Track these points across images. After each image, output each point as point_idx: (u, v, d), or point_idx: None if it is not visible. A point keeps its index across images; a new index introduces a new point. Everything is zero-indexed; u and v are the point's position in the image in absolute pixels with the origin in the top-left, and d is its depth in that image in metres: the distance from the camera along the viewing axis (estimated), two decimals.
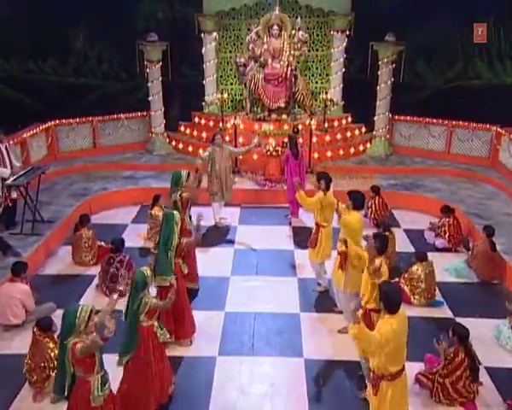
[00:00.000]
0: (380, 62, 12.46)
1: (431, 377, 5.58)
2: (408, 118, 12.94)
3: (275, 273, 8.09)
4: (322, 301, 7.33)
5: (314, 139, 11.85)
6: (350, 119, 13.39)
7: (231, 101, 13.78)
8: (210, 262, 8.05)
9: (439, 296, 7.46)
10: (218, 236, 9.36)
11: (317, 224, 7.22)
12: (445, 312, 7.14)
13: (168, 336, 5.30)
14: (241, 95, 13.85)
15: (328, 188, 7.02)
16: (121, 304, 5.24)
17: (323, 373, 5.85)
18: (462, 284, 7.86)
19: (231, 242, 9.19)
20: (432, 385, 5.54)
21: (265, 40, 12.40)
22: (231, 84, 13.95)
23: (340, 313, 6.70)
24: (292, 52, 12.28)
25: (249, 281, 7.91)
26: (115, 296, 4.62)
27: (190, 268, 6.93)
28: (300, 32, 12.15)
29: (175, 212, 6.04)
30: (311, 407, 5.43)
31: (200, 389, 5.56)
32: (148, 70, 12.60)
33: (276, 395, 5.58)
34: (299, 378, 5.82)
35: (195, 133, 12.92)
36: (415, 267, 7.39)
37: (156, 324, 5.13)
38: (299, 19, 12.22)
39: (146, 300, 4.87)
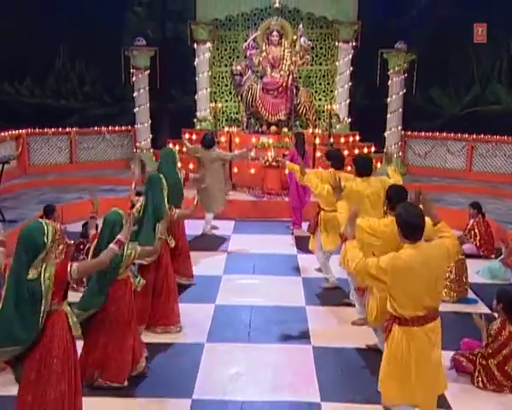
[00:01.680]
0: (390, 72, 12.55)
1: (472, 358, 4.97)
2: (422, 134, 12.88)
3: (275, 273, 7.68)
4: (333, 295, 6.92)
5: (318, 154, 11.62)
6: (358, 137, 13.27)
7: (226, 120, 13.71)
8: (196, 265, 7.55)
9: (472, 296, 6.95)
10: (206, 242, 8.99)
11: (319, 207, 6.90)
12: (480, 308, 6.58)
13: (143, 281, 4.87)
14: (236, 113, 13.84)
15: (338, 169, 6.70)
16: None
17: (335, 360, 5.36)
18: (498, 285, 7.31)
19: (224, 247, 8.84)
20: (473, 367, 4.94)
21: (264, 48, 12.53)
22: (226, 100, 13.98)
23: (353, 305, 6.23)
24: (293, 59, 12.33)
25: (245, 279, 7.51)
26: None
27: (184, 261, 6.88)
28: (302, 39, 12.26)
29: (160, 176, 5.81)
30: (321, 387, 4.80)
31: (186, 374, 5.04)
32: (134, 78, 12.62)
33: (279, 379, 5.02)
34: (306, 364, 5.26)
35: (185, 149, 12.65)
36: None
37: (130, 272, 4.77)
38: (301, 25, 12.40)
39: (129, 251, 4.51)
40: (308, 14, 13.21)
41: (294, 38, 12.46)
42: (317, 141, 11.49)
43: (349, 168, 7.17)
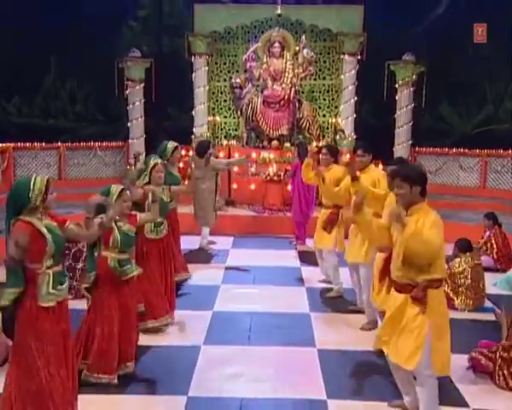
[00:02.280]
0: (398, 85, 12.73)
1: (491, 356, 4.92)
2: (432, 149, 12.94)
3: (277, 283, 7.69)
4: (339, 303, 6.94)
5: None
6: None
7: (225, 136, 13.84)
8: (194, 276, 7.54)
9: (489, 305, 6.92)
10: (203, 255, 9.04)
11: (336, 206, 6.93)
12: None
13: (138, 269, 4.89)
14: (236, 130, 13.97)
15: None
16: None
17: (341, 361, 5.31)
18: None
19: (221, 260, 8.88)
20: (493, 364, 4.89)
21: (265, 60, 12.76)
22: (225, 117, 14.12)
23: (361, 312, 6.21)
24: (296, 71, 12.53)
25: (244, 288, 7.50)
26: None
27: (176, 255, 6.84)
28: (305, 50, 12.47)
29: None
30: (327, 386, 4.74)
31: (181, 373, 4.99)
32: (128, 91, 12.77)
33: (282, 377, 4.97)
34: (311, 364, 5.22)
35: (181, 165, 12.71)
36: (457, 260, 6.89)
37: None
38: (303, 36, 12.66)
39: None
40: (311, 27, 13.47)
41: (297, 48, 12.70)
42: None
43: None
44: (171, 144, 7.10)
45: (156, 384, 4.76)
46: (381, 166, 11.54)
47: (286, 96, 12.51)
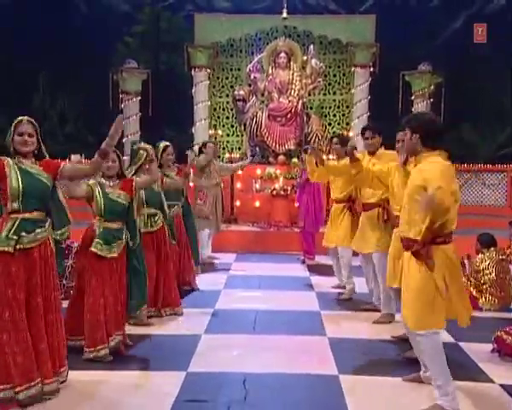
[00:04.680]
0: (413, 97, 13.06)
1: None
2: (454, 166, 13.10)
3: (284, 288, 7.80)
4: (351, 303, 7.06)
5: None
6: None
7: (229, 150, 14.11)
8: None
9: None
10: (203, 268, 9.05)
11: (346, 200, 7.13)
12: None
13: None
14: (239, 148, 14.27)
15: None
16: None
17: (353, 347, 5.41)
18: None
19: (223, 271, 8.97)
20: None
21: (270, 71, 13.16)
22: (228, 135, 14.46)
23: (377, 310, 6.31)
24: (304, 82, 12.88)
25: (249, 292, 7.62)
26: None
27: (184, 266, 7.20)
28: (314, 61, 12.85)
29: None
30: (338, 364, 4.85)
31: (180, 354, 5.12)
32: (123, 104, 13.15)
33: (291, 359, 5.07)
34: (321, 348, 5.33)
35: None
36: (479, 256, 7.02)
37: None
38: (311, 46, 13.07)
39: None
40: (320, 38, 14.01)
41: (304, 58, 13.13)
42: None
43: None
44: (161, 143, 7.20)
45: (151, 363, 4.86)
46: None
47: (293, 110, 12.83)
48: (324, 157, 7.13)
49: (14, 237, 3.82)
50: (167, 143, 7.29)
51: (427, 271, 3.89)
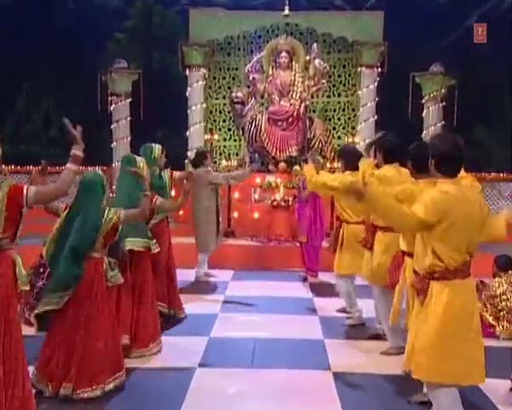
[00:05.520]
0: (425, 100, 13.00)
1: None
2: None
3: (284, 312, 7.72)
4: (357, 330, 6.96)
5: None
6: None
7: (226, 156, 14.05)
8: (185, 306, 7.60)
9: None
10: (199, 287, 9.10)
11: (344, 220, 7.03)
12: None
13: (121, 278, 5.06)
14: (237, 154, 14.21)
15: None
16: None
17: (360, 384, 5.33)
18: None
19: (220, 291, 8.93)
20: None
21: (271, 72, 13.11)
22: (224, 139, 14.40)
23: (384, 339, 6.22)
24: (306, 83, 12.83)
25: (246, 316, 7.56)
26: None
27: (171, 290, 7.01)
28: (317, 61, 12.79)
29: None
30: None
31: (170, 394, 5.02)
32: (112, 107, 13.09)
33: (291, 396, 5.01)
34: (325, 387, 5.27)
35: (173, 193, 12.89)
36: (496, 280, 6.93)
37: (106, 259, 4.93)
38: (315, 45, 13.01)
39: (110, 215, 4.72)
40: (324, 36, 13.96)
41: (307, 58, 13.07)
42: None
43: None
44: (157, 147, 7.21)
45: (142, 404, 4.77)
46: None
47: (295, 113, 12.79)
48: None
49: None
50: (161, 146, 7.32)
51: (446, 311, 3.82)
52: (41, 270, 7.05)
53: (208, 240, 9.24)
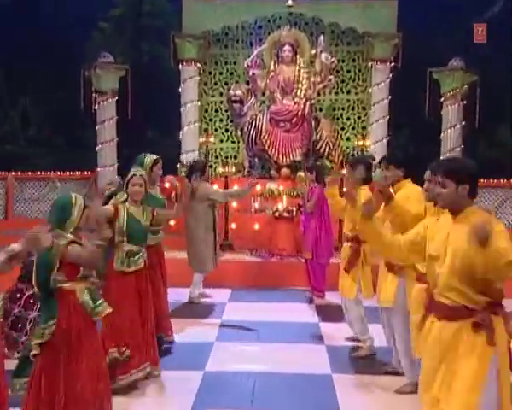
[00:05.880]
0: (443, 98, 12.94)
1: None
2: (490, 181, 12.99)
3: (287, 340, 7.64)
4: (369, 363, 6.84)
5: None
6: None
7: (223, 160, 13.99)
8: (177, 333, 7.53)
9: None
10: (193, 310, 9.04)
11: (355, 238, 6.94)
12: None
13: (107, 308, 4.82)
14: (235, 156, 14.15)
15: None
16: None
17: None
18: None
19: (216, 315, 8.88)
20: None
21: (272, 67, 13.05)
22: (221, 141, 14.33)
23: (399, 374, 6.17)
24: (312, 80, 12.80)
25: (245, 346, 7.47)
26: None
27: (158, 309, 6.84)
28: (324, 55, 12.76)
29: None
30: None
31: None
32: (97, 106, 13.04)
33: None
34: None
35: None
36: None
37: (85, 292, 4.69)
38: (321, 37, 12.95)
39: (60, 242, 4.45)
40: (331, 26, 13.93)
41: (313, 52, 13.00)
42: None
43: None
44: (149, 157, 7.13)
45: None
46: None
47: (299, 113, 12.76)
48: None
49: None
50: (157, 156, 7.26)
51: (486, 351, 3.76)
52: (17, 295, 7.04)
53: (205, 260, 9.11)
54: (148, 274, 6.24)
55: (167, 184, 8.47)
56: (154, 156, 7.24)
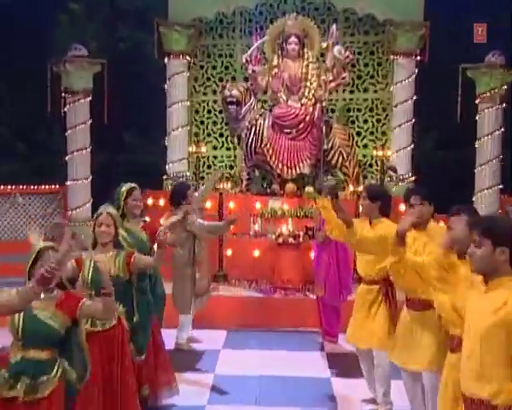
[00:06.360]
0: (479, 100, 12.90)
1: None
2: None
3: (294, 403, 7.58)
4: None
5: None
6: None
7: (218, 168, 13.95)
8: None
9: None
10: (181, 359, 8.82)
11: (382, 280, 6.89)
12: None
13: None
14: (231, 166, 14.12)
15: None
16: None
17: None
18: None
19: (209, 367, 8.80)
20: None
21: (276, 62, 12.97)
22: (215, 148, 14.27)
23: None
24: (322, 79, 12.70)
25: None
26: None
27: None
28: (337, 48, 12.62)
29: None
30: None
31: None
32: (66, 108, 13.02)
33: None
34: None
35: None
36: None
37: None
38: (334, 26, 12.84)
39: None
40: (346, 12, 13.85)
41: (324, 45, 12.89)
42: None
43: None
44: (123, 186, 7.18)
45: None
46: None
47: (307, 117, 12.72)
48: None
49: None
50: (133, 185, 7.26)
51: None
52: None
53: (186, 299, 9.17)
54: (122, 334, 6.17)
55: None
56: (129, 185, 7.23)
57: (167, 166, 13.69)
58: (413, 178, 13.49)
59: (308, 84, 12.89)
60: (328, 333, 9.60)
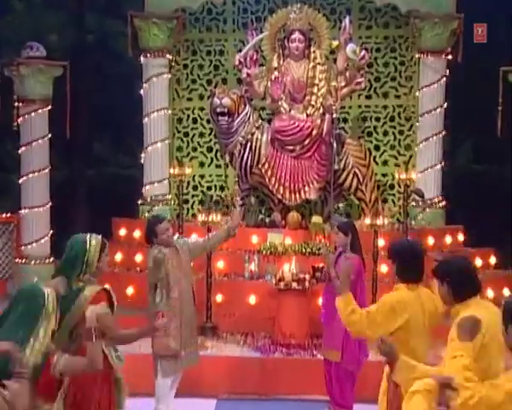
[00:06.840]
0: None
1: None
2: None
3: None
4: None
5: (385, 268, 11.53)
6: (462, 237, 13.36)
7: (200, 202, 13.82)
8: None
9: None
10: None
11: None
12: None
13: None
14: (221, 188, 14.02)
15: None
16: None
17: None
18: None
19: None
20: None
21: (276, 64, 12.87)
22: (202, 165, 14.21)
23: None
24: (333, 84, 12.59)
25: None
26: None
27: None
28: (350, 46, 12.46)
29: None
30: None
31: None
32: (20, 119, 12.90)
33: None
34: None
35: (119, 257, 12.70)
36: None
37: None
38: (347, 19, 12.71)
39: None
40: (361, 2, 13.78)
41: (334, 43, 12.73)
42: (382, 243, 11.41)
43: None
44: (94, 240, 6.79)
45: None
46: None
47: (314, 131, 12.62)
48: None
49: None
50: (98, 237, 6.82)
51: None
52: None
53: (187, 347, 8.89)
54: None
55: None
56: (99, 238, 6.91)
57: (144, 189, 13.46)
58: (443, 202, 13.32)
59: (315, 90, 12.84)
60: (340, 405, 9.34)
